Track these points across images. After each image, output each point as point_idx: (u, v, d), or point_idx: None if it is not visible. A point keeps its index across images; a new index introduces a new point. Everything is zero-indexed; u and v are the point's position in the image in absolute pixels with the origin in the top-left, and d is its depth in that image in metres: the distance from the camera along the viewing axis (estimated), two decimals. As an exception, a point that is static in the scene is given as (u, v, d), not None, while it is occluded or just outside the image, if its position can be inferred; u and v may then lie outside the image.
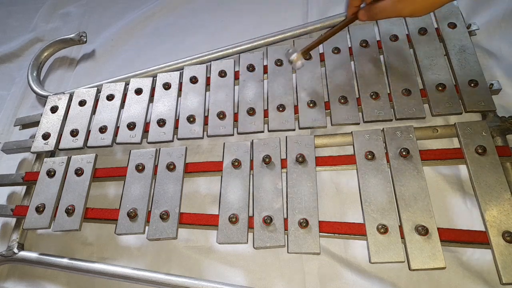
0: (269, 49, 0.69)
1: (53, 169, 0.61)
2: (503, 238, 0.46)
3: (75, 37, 0.82)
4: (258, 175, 0.56)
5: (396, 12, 0.47)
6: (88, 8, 0.97)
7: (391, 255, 0.47)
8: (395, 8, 0.47)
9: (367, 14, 0.51)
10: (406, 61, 0.62)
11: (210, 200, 0.61)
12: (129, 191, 0.57)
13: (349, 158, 0.56)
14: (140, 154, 0.61)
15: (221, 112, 0.62)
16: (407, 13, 0.47)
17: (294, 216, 0.52)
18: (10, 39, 0.94)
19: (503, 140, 0.54)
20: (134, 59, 0.83)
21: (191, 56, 0.73)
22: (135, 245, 0.60)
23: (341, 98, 0.60)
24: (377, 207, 0.51)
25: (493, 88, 0.59)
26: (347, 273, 0.52)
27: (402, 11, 0.47)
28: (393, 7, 0.47)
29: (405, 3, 0.46)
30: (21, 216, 0.59)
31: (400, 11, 0.47)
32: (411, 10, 0.46)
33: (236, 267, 0.55)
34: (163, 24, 0.88)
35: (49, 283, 0.59)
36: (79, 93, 0.71)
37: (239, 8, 0.86)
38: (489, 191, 0.50)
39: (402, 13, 0.47)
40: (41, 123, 0.68)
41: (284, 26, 0.73)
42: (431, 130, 0.58)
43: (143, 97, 0.68)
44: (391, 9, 0.47)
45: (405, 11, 0.47)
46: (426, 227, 0.48)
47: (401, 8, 0.46)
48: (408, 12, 0.47)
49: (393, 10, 0.47)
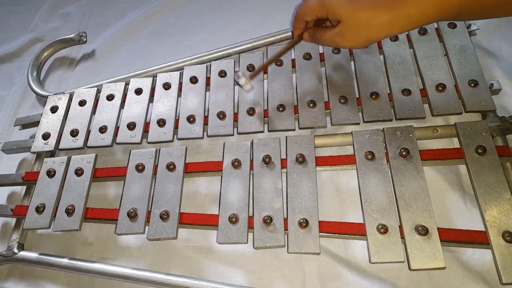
0: (269, 49, 0.69)
1: (53, 169, 0.61)
2: (503, 238, 0.47)
3: (75, 37, 0.82)
4: (258, 175, 0.56)
5: (335, 44, 0.51)
6: (88, 8, 0.97)
7: (391, 255, 0.47)
8: (334, 40, 0.50)
9: (310, 38, 0.55)
10: (406, 61, 0.62)
11: (210, 200, 0.61)
12: (129, 191, 0.57)
13: (349, 158, 0.56)
14: (140, 154, 0.61)
15: (221, 112, 0.62)
16: (344, 46, 0.51)
17: (294, 216, 0.52)
18: (10, 39, 0.94)
19: (503, 140, 0.54)
20: (134, 59, 0.83)
21: (191, 56, 0.73)
22: (135, 245, 0.60)
23: (341, 98, 0.60)
24: (377, 207, 0.51)
25: (493, 88, 0.59)
26: (347, 273, 0.52)
27: (340, 44, 0.50)
28: (332, 39, 0.50)
29: (343, 39, 0.49)
30: (21, 216, 0.59)
31: (338, 44, 0.51)
32: (348, 45, 0.50)
33: (236, 267, 0.55)
34: (163, 24, 0.88)
35: (49, 283, 0.59)
36: (79, 93, 0.71)
37: (239, 8, 0.86)
38: (489, 191, 0.50)
39: (340, 45, 0.51)
40: (41, 123, 0.68)
41: (284, 26, 0.73)
42: (431, 130, 0.58)
43: (143, 97, 0.68)
44: (331, 41, 0.51)
45: (343, 45, 0.50)
46: (426, 227, 0.48)
47: (339, 42, 0.50)
48: (345, 45, 0.51)
49: (332, 42, 0.51)
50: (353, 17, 0.47)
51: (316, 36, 0.53)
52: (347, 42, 0.50)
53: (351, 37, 0.48)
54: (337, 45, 0.51)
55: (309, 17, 0.53)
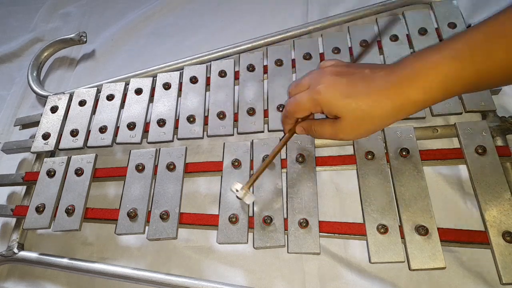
0: (269, 49, 0.69)
1: (53, 169, 0.61)
2: (503, 238, 0.46)
3: (75, 37, 0.82)
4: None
5: (335, 138, 0.48)
6: (88, 8, 0.97)
7: (391, 255, 0.47)
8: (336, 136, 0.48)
9: (305, 131, 0.52)
10: (406, 61, 0.62)
11: (210, 200, 0.61)
12: (129, 191, 0.57)
13: (349, 158, 0.56)
14: (140, 154, 0.61)
15: (221, 112, 0.62)
16: (347, 139, 0.51)
17: (294, 216, 0.52)
18: (10, 39, 0.94)
19: (503, 140, 0.54)
20: (134, 59, 0.83)
21: (191, 56, 0.73)
22: (135, 245, 0.60)
23: (341, 98, 0.60)
24: (377, 207, 0.51)
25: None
26: (347, 273, 0.52)
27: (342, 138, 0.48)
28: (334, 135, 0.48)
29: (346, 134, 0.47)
30: (21, 216, 0.59)
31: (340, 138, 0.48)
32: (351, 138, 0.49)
33: (236, 267, 0.55)
34: (163, 24, 0.88)
35: (49, 283, 0.59)
36: (79, 93, 0.71)
37: (239, 8, 0.86)
38: (489, 191, 0.50)
39: (342, 139, 0.49)
40: (41, 123, 0.68)
41: (284, 26, 0.73)
42: (431, 130, 0.58)
43: (143, 97, 0.68)
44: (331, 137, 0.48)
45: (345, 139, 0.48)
46: (426, 227, 0.48)
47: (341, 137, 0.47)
48: (348, 139, 0.49)
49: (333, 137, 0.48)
50: (354, 112, 0.43)
51: (313, 131, 0.50)
52: (349, 136, 0.47)
53: (353, 131, 0.46)
54: (339, 139, 0.48)
55: (301, 115, 0.50)
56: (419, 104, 0.42)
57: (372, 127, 0.45)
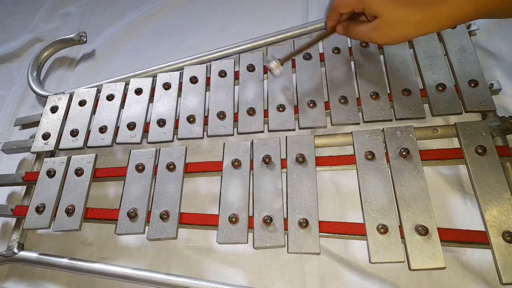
0: (269, 49, 0.69)
1: (53, 169, 0.61)
2: (503, 238, 0.46)
3: (75, 37, 0.82)
4: (258, 175, 0.56)
5: (370, 39, 0.51)
6: (88, 8, 0.97)
7: (391, 255, 0.47)
8: (370, 35, 0.50)
9: (344, 30, 0.54)
10: (406, 61, 0.62)
11: (210, 200, 0.61)
12: (129, 191, 0.57)
13: (349, 158, 0.56)
14: (140, 154, 0.61)
15: (221, 112, 0.62)
16: (380, 42, 0.51)
17: (294, 216, 0.52)
18: (10, 39, 0.94)
19: (503, 140, 0.54)
20: (134, 59, 0.83)
21: (191, 56, 0.73)
22: (135, 245, 0.60)
23: (341, 98, 0.60)
24: (377, 207, 0.51)
25: (493, 88, 0.59)
26: (347, 273, 0.52)
27: (376, 39, 0.50)
28: (368, 34, 0.50)
29: (380, 34, 0.49)
30: (21, 216, 0.59)
31: (374, 39, 0.50)
32: (382, 41, 0.50)
33: (236, 267, 0.55)
34: (163, 24, 0.88)
35: (49, 283, 0.59)
36: (79, 93, 0.71)
37: (239, 8, 0.86)
38: (489, 191, 0.50)
39: (375, 41, 0.51)
40: (41, 123, 0.68)
41: (284, 26, 0.73)
42: (431, 130, 0.58)
43: (143, 97, 0.68)
44: (366, 35, 0.51)
45: (378, 40, 0.50)
46: (426, 227, 0.48)
47: (374, 37, 0.49)
48: (380, 41, 0.50)
49: (367, 36, 0.51)
50: (391, 12, 0.46)
51: (350, 30, 0.52)
52: (382, 38, 0.49)
53: (386, 33, 0.48)
54: (372, 40, 0.50)
55: (344, 10, 0.52)
56: (451, 19, 0.45)
57: (405, 33, 0.47)
